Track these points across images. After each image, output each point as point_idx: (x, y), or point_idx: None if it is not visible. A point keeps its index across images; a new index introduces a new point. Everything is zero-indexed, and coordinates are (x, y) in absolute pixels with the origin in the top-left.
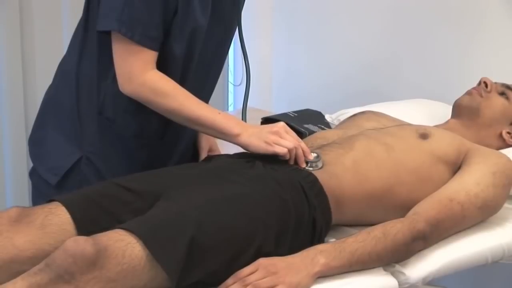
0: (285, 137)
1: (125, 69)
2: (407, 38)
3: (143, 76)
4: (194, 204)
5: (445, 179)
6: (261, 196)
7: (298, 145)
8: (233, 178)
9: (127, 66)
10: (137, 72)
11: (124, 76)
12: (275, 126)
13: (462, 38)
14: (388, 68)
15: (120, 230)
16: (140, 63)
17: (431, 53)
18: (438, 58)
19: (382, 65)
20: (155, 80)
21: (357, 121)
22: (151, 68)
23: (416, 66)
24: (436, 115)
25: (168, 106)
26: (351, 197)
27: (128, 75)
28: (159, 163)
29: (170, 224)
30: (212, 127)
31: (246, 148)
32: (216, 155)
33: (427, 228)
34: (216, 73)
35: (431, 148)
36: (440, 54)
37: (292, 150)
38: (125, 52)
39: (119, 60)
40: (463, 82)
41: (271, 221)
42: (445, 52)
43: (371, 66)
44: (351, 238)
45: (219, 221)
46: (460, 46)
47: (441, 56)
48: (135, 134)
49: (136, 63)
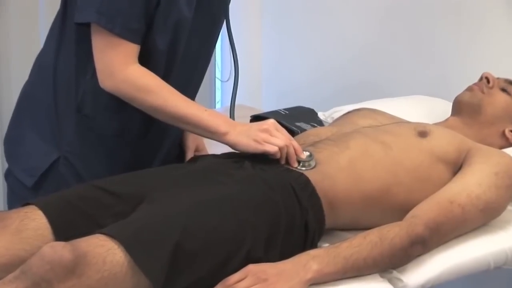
0: (276, 135)
1: (106, 63)
2: (405, 30)
3: (125, 71)
4: (179, 207)
5: (445, 179)
6: (250, 198)
7: (289, 143)
8: (220, 179)
9: (107, 60)
10: (119, 66)
11: (104, 71)
12: (264, 123)
13: (463, 31)
14: (385, 62)
15: (100, 235)
16: (122, 57)
17: (431, 46)
18: (438, 51)
19: (379, 59)
20: (138, 76)
21: (352, 118)
22: (133, 63)
23: (414, 60)
24: (436, 112)
25: (151, 103)
26: (346, 199)
27: (108, 70)
28: (142, 164)
29: (154, 228)
30: (198, 125)
31: (234, 148)
32: (203, 155)
33: (426, 232)
34: (202, 68)
35: (431, 147)
36: (440, 47)
37: (283, 148)
38: (105, 46)
39: (99, 54)
40: (463, 78)
41: (261, 225)
42: (445, 45)
43: (367, 60)
44: (346, 243)
45: (205, 224)
46: (461, 39)
47: (441, 49)
48: (117, 133)
49: (117, 57)
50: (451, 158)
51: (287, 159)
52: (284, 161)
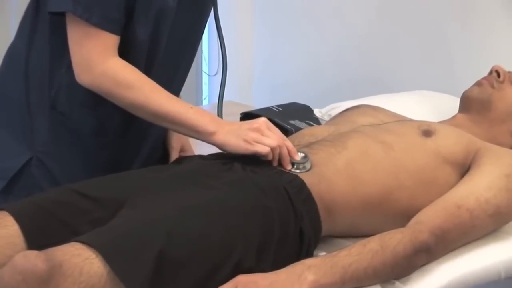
0: (268, 134)
1: (83, 56)
2: (410, 19)
3: (104, 64)
4: (162, 212)
5: (452, 182)
6: (240, 203)
7: (282, 144)
8: (208, 183)
9: (84, 53)
10: (97, 59)
11: (81, 64)
12: (255, 122)
13: (472, 21)
14: (387, 54)
15: (76, 244)
16: (100, 49)
17: (437, 36)
18: (445, 43)
19: (380, 50)
20: (118, 69)
21: (351, 116)
22: (112, 55)
23: (419, 52)
24: (442, 109)
25: (132, 99)
26: (344, 204)
27: (86, 64)
28: (122, 166)
29: (135, 235)
30: (183, 124)
31: (223, 148)
32: (189, 156)
33: (431, 239)
34: (187, 61)
35: (436, 147)
36: (447, 38)
37: (276, 149)
38: (81, 37)
39: (75, 46)
40: (472, 71)
41: (252, 232)
42: (452, 36)
43: (367, 52)
44: (344, 251)
45: (191, 231)
46: (470, 30)
47: (448, 40)
48: (94, 131)
49: (95, 50)
50: (458, 159)
51: (280, 161)
52: (276, 163)
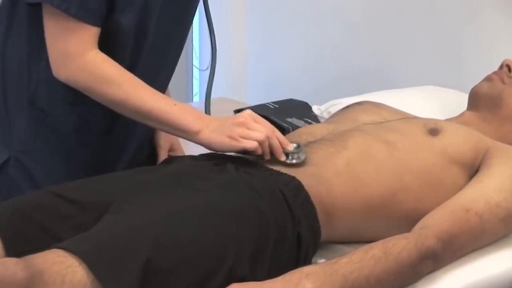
0: (254, 127)
1: (60, 49)
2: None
3: (82, 58)
4: (150, 217)
5: (460, 184)
6: (233, 207)
7: (271, 135)
8: (198, 185)
9: (61, 45)
10: (75, 52)
11: (58, 58)
12: (239, 116)
13: (480, 13)
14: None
15: (58, 250)
16: (78, 42)
17: (444, 29)
18: (452, 35)
19: (383, 43)
20: (97, 63)
21: (352, 113)
22: (91, 48)
23: (425, 45)
24: (449, 106)
25: (112, 95)
26: (345, 207)
27: (63, 57)
28: (106, 166)
29: (121, 242)
30: (167, 122)
31: (209, 147)
32: (178, 157)
33: (438, 245)
34: (175, 55)
35: (443, 146)
36: (455, 30)
37: (264, 142)
38: (59, 29)
39: (51, 39)
40: (481, 66)
41: (246, 238)
42: (460, 28)
43: (370, 45)
44: (345, 258)
45: (181, 237)
46: (479, 23)
47: (456, 33)
48: (76, 129)
49: (73, 42)
50: (467, 160)
51: (272, 153)
52: (269, 156)
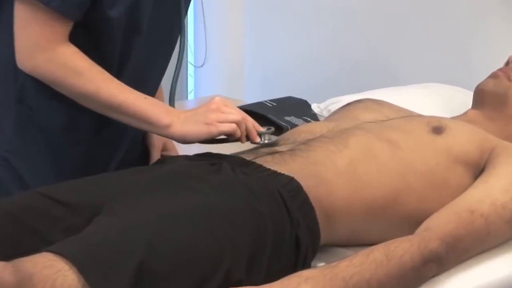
0: (228, 111)
1: (30, 39)
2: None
3: (53, 50)
4: (143, 219)
5: (465, 184)
6: (229, 208)
7: (245, 117)
8: (193, 186)
9: (32, 36)
10: (46, 44)
11: (26, 48)
12: (210, 102)
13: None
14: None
15: (48, 254)
16: (52, 34)
17: (448, 24)
18: (457, 31)
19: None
20: (67, 55)
21: (353, 111)
22: (64, 41)
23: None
24: (453, 103)
25: (82, 87)
26: (345, 209)
27: (32, 47)
28: (98, 166)
29: (113, 245)
30: (137, 115)
31: (182, 140)
32: (172, 156)
33: (442, 248)
34: (168, 52)
35: (447, 145)
36: (460, 26)
37: (241, 123)
38: (33, 19)
39: (22, 28)
40: (487, 62)
41: (242, 240)
42: (466, 23)
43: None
44: (345, 262)
45: (175, 240)
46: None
47: (461, 28)
48: (65, 127)
49: (46, 34)
50: (472, 159)
51: (247, 137)
52: (245, 139)
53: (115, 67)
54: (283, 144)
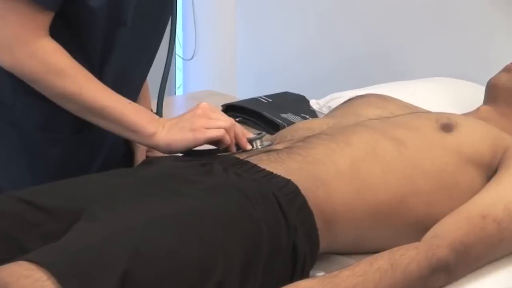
0: (216, 117)
1: (8, 33)
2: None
3: (33, 44)
4: (127, 225)
5: (476, 187)
6: (220, 214)
7: (234, 123)
8: (181, 189)
9: (10, 29)
10: (25, 38)
11: (4, 42)
12: (196, 108)
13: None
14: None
15: (25, 263)
16: (30, 26)
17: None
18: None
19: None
20: (49, 52)
21: (355, 108)
22: (44, 35)
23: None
24: (464, 99)
25: (63, 88)
26: (347, 214)
27: (11, 42)
28: (77, 168)
29: (94, 253)
30: (120, 121)
31: (167, 150)
32: (158, 157)
33: (451, 256)
34: (155, 44)
35: (457, 144)
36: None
37: (231, 129)
38: (9, 10)
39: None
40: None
41: (235, 248)
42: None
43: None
44: (347, 271)
45: (162, 248)
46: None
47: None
48: (42, 125)
49: (25, 26)
50: (484, 159)
51: (237, 145)
52: (235, 148)
53: (97, 61)
54: (280, 141)
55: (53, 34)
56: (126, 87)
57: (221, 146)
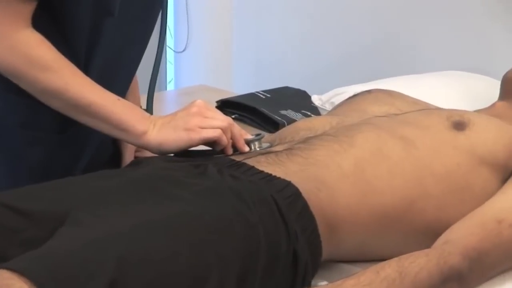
0: (212, 116)
1: None
2: None
3: (15, 36)
4: (113, 231)
5: (491, 189)
6: (214, 218)
7: (231, 123)
8: (173, 192)
9: None
10: (6, 30)
11: None
12: (191, 106)
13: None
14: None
15: (4, 271)
16: (11, 17)
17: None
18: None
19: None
20: (31, 44)
21: (360, 104)
22: (26, 26)
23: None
24: (477, 95)
25: (48, 83)
26: (352, 219)
27: None
28: (61, 169)
29: (79, 260)
30: (108, 119)
31: (158, 150)
32: (148, 158)
33: (464, 264)
34: (143, 36)
35: (470, 143)
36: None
37: (227, 129)
38: None
39: None
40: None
41: (231, 255)
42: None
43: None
44: (351, 280)
45: (151, 255)
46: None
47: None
48: (22, 123)
49: (5, 17)
50: (499, 160)
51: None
52: (231, 150)
53: (82, 54)
54: (279, 143)
55: (35, 25)
56: (113, 82)
57: (216, 148)
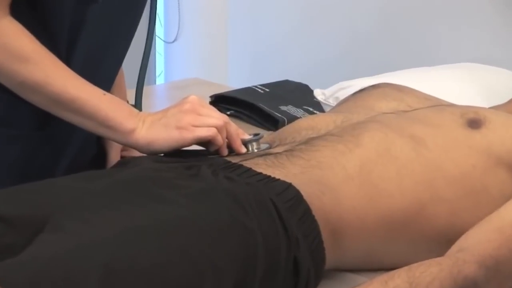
0: (206, 113)
1: None
2: None
3: None
4: (99, 237)
5: (508, 192)
6: (208, 223)
7: (227, 121)
8: (162, 195)
9: None
10: None
11: None
12: (184, 102)
13: None
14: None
15: None
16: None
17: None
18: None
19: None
20: (9, 34)
21: (367, 100)
22: (3, 15)
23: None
24: (495, 89)
25: (27, 77)
26: (357, 224)
27: None
28: (41, 170)
29: (61, 269)
30: (93, 116)
31: (147, 150)
32: (135, 158)
33: (480, 273)
34: (130, 25)
35: (487, 143)
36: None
37: (223, 128)
38: None
39: None
40: None
41: (227, 263)
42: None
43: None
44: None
45: (140, 263)
46: None
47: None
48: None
49: None
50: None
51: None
52: (227, 151)
53: (64, 44)
54: (279, 144)
55: (13, 14)
56: (97, 75)
57: (211, 148)
